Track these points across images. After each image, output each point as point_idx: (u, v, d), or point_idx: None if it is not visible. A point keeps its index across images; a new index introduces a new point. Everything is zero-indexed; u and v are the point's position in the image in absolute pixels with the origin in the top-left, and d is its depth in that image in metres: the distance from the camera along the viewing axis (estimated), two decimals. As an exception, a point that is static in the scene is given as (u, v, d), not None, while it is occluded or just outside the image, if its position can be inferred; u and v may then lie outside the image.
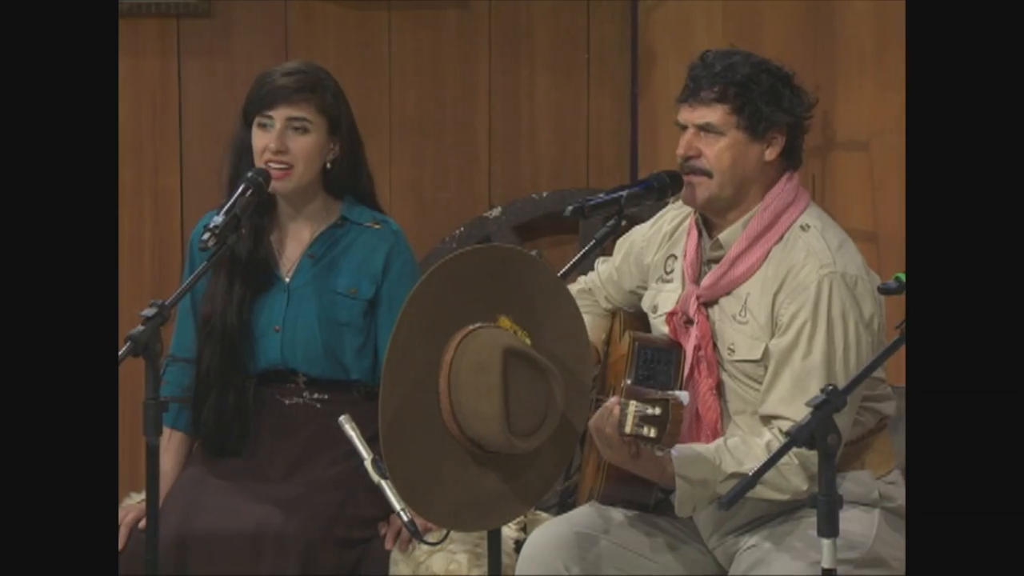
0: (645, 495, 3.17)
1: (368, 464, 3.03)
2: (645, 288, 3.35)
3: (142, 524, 3.37)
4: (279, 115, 3.47)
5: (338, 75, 4.40)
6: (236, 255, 3.47)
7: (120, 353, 3.03)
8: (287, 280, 3.55)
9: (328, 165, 3.54)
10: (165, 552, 3.24)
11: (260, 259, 3.53)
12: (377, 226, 3.58)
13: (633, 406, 2.93)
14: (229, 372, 3.53)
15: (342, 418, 3.13)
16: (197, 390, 3.54)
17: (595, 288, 3.45)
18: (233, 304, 3.51)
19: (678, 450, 3.02)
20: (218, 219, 3.30)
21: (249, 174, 3.44)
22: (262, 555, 3.35)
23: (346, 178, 3.57)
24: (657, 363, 3.15)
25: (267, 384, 3.57)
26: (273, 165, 3.46)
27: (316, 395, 3.56)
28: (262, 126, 3.48)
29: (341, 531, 3.42)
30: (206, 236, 3.27)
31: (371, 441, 3.06)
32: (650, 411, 2.92)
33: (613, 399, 2.98)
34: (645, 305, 3.33)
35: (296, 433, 3.54)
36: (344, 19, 4.49)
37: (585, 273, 3.49)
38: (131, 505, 3.56)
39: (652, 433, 2.92)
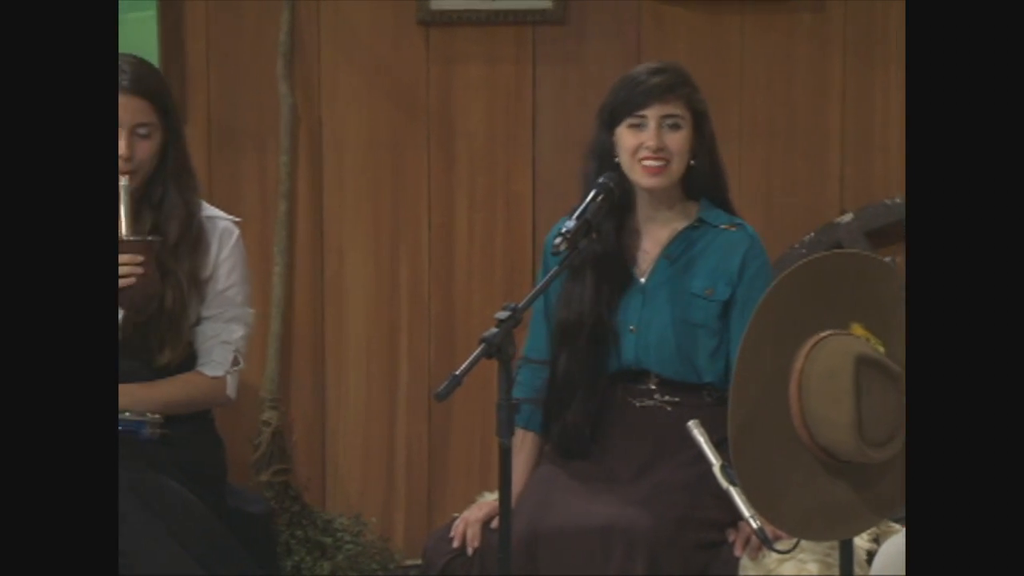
0: None
1: (717, 470, 3.02)
2: None
3: (494, 523, 3.44)
4: (653, 113, 3.50)
5: (689, 80, 4.40)
6: (598, 258, 3.49)
7: (474, 355, 3.07)
8: (643, 281, 3.57)
9: (691, 162, 3.55)
10: (516, 549, 3.27)
11: (620, 261, 3.55)
12: (733, 228, 3.57)
13: None
14: (586, 375, 3.56)
15: (691, 423, 3.12)
16: (550, 393, 3.58)
17: None
18: (602, 306, 3.54)
19: None
20: (570, 224, 3.34)
21: (600, 180, 3.48)
22: (611, 553, 3.36)
23: (705, 178, 3.58)
24: None
25: (619, 385, 3.59)
26: (648, 163, 3.49)
27: (667, 397, 3.56)
28: (633, 126, 3.51)
29: (691, 533, 3.41)
30: (558, 241, 3.32)
31: (718, 446, 3.06)
32: None
33: None
34: None
35: (646, 435, 3.55)
36: (696, 23, 4.48)
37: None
38: (482, 503, 3.62)
39: None
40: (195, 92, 4.49)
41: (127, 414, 3.46)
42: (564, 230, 3.33)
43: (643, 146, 3.49)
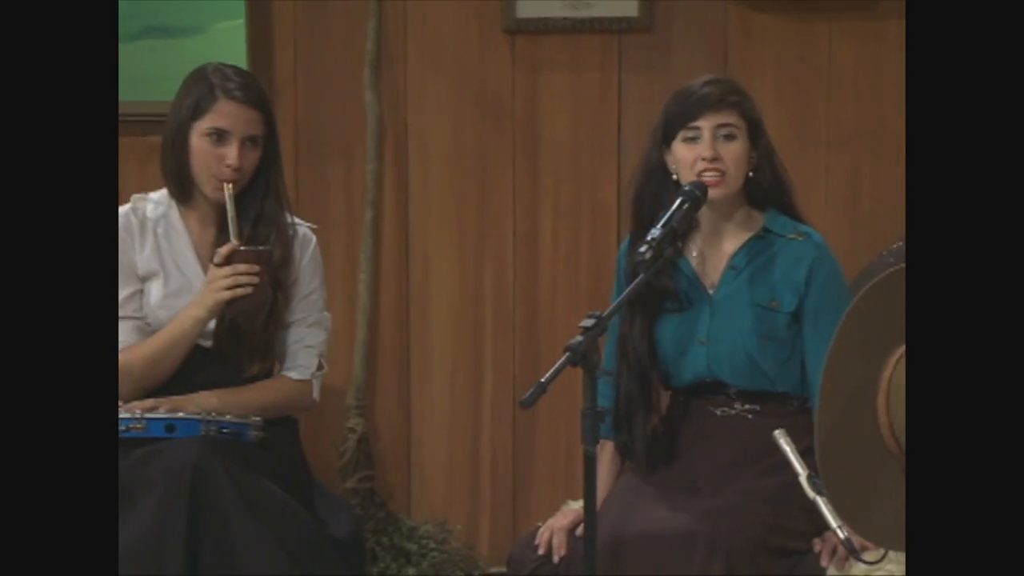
0: None
1: (803, 480, 3.00)
2: None
3: (579, 530, 3.43)
4: (707, 124, 3.48)
5: (776, 87, 4.39)
6: (665, 272, 3.48)
7: (559, 363, 3.05)
8: (711, 293, 3.55)
9: (750, 174, 3.53)
10: (600, 556, 3.25)
11: (675, 281, 3.53)
12: (799, 238, 3.54)
13: None
14: (647, 391, 3.55)
15: (776, 432, 3.09)
16: (616, 407, 3.56)
17: None
18: (643, 326, 3.53)
19: None
20: (656, 232, 3.32)
21: (686, 187, 3.45)
22: (692, 560, 3.35)
23: (768, 187, 3.56)
24: None
25: (698, 396, 3.58)
26: (707, 175, 3.47)
27: (747, 406, 3.54)
28: (688, 139, 3.50)
29: (774, 542, 3.39)
30: (643, 248, 3.29)
31: (804, 454, 3.04)
32: None
33: None
34: None
35: (728, 443, 3.53)
36: (784, 32, 4.46)
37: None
38: (566, 511, 3.61)
39: None
40: (283, 101, 4.52)
41: (228, 417, 3.50)
42: (650, 237, 3.31)
43: (699, 158, 3.47)
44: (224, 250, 3.52)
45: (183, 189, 3.67)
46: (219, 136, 3.60)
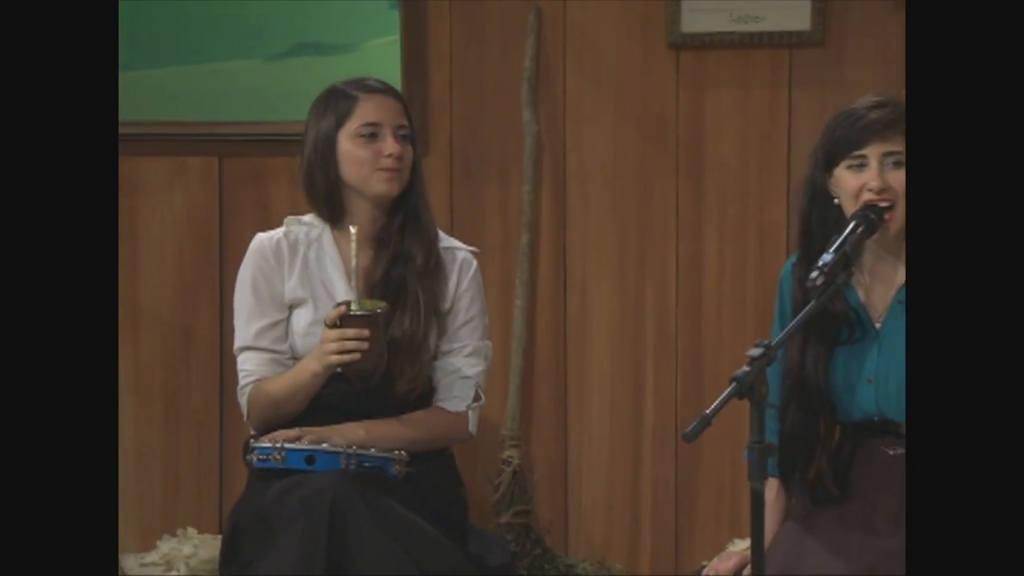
0: None
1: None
2: None
3: (747, 571, 3.33)
4: (873, 152, 3.35)
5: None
6: (829, 303, 3.34)
7: (725, 394, 2.97)
8: (877, 327, 3.42)
9: None
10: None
11: (841, 312, 3.40)
12: None
13: None
14: (815, 427, 3.42)
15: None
16: (782, 442, 3.44)
17: None
18: (811, 358, 3.41)
19: None
20: (828, 257, 3.21)
21: (860, 211, 3.33)
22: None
23: None
24: None
25: (868, 434, 3.44)
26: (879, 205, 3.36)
27: (922, 445, 3.42)
28: (853, 167, 3.37)
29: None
30: (815, 274, 3.19)
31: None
32: None
33: None
34: None
35: (902, 483, 3.37)
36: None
37: None
38: (731, 552, 3.53)
39: None
40: (438, 120, 4.54)
41: (373, 450, 3.47)
42: (821, 263, 3.21)
43: (865, 188, 3.35)
44: (333, 314, 3.47)
45: (335, 211, 3.63)
46: (371, 133, 3.57)
